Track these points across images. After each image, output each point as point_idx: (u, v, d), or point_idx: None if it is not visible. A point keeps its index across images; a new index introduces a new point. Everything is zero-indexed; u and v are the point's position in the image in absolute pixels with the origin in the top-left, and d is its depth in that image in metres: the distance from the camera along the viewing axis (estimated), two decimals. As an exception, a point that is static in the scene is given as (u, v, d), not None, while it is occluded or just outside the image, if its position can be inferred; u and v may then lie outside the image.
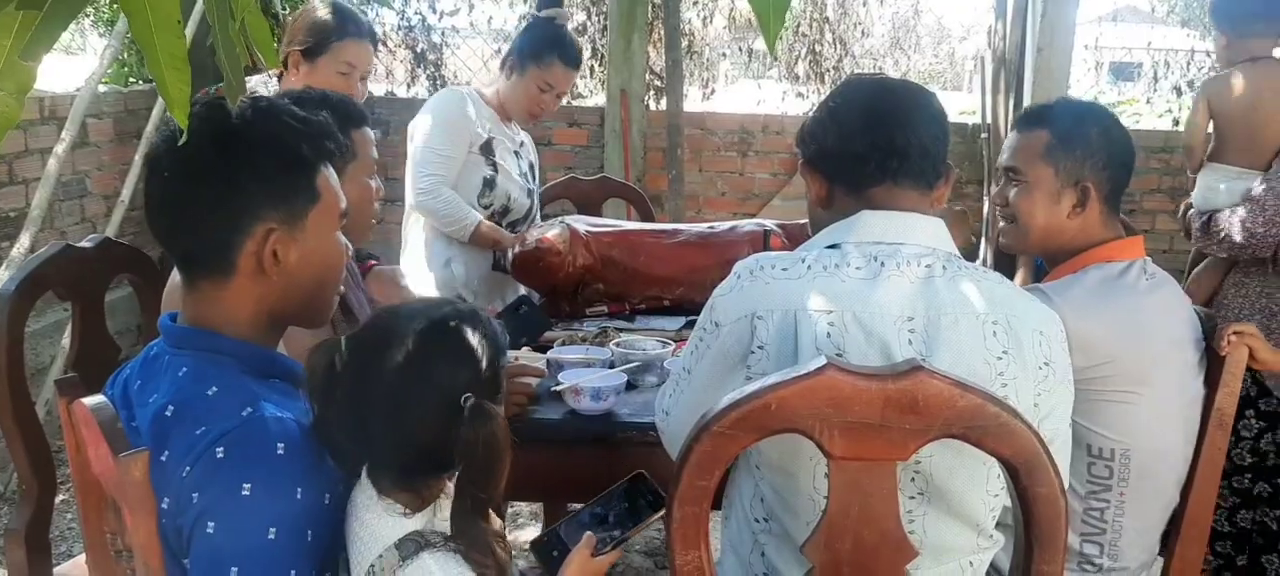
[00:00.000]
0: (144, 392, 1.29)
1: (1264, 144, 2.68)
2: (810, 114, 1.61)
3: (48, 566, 1.99)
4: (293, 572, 1.17)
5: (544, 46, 2.84)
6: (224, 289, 1.30)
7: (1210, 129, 2.85)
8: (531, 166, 3.09)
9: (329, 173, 1.37)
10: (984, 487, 1.42)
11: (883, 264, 1.41)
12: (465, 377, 1.23)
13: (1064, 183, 1.89)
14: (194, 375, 1.25)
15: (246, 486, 1.14)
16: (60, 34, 0.86)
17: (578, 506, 1.54)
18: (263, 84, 2.65)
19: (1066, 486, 1.33)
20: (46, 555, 1.98)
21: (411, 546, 1.20)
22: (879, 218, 1.46)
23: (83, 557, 2.20)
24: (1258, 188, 2.61)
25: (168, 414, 1.21)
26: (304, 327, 1.42)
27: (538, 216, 3.12)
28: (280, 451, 1.18)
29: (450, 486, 1.28)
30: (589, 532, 1.39)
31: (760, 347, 1.39)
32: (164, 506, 1.18)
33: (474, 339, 1.26)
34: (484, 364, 1.25)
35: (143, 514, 1.15)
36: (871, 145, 1.48)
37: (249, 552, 1.14)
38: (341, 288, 1.45)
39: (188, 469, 1.16)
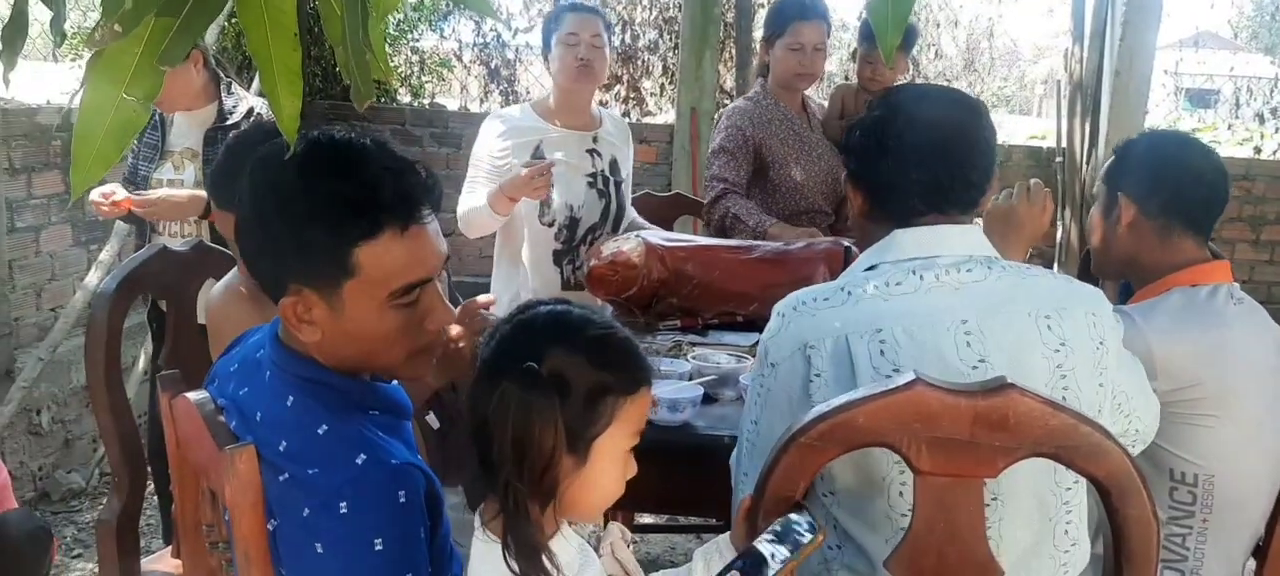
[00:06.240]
0: (248, 403, 1.30)
1: None
2: (860, 122, 1.58)
3: (137, 557, 2.05)
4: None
5: (552, 17, 2.88)
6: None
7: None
8: (614, 162, 2.97)
9: (382, 243, 1.22)
10: (1052, 478, 1.42)
11: (922, 277, 1.43)
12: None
13: (1111, 199, 1.96)
14: (302, 408, 1.25)
15: (378, 541, 1.16)
16: (197, 40, 0.90)
17: (650, 518, 1.49)
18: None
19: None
20: (136, 546, 2.05)
21: None
22: (911, 235, 1.48)
23: (166, 551, 2.28)
24: None
25: (281, 448, 1.22)
26: (384, 380, 1.37)
27: (627, 213, 3.03)
28: (402, 499, 1.19)
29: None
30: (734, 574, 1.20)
31: (818, 375, 1.40)
32: (270, 525, 1.21)
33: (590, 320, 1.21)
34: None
35: (248, 506, 1.18)
36: (920, 183, 1.49)
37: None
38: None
39: (307, 510, 1.17)
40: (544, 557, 1.13)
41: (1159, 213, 1.90)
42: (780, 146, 3.19)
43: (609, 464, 1.18)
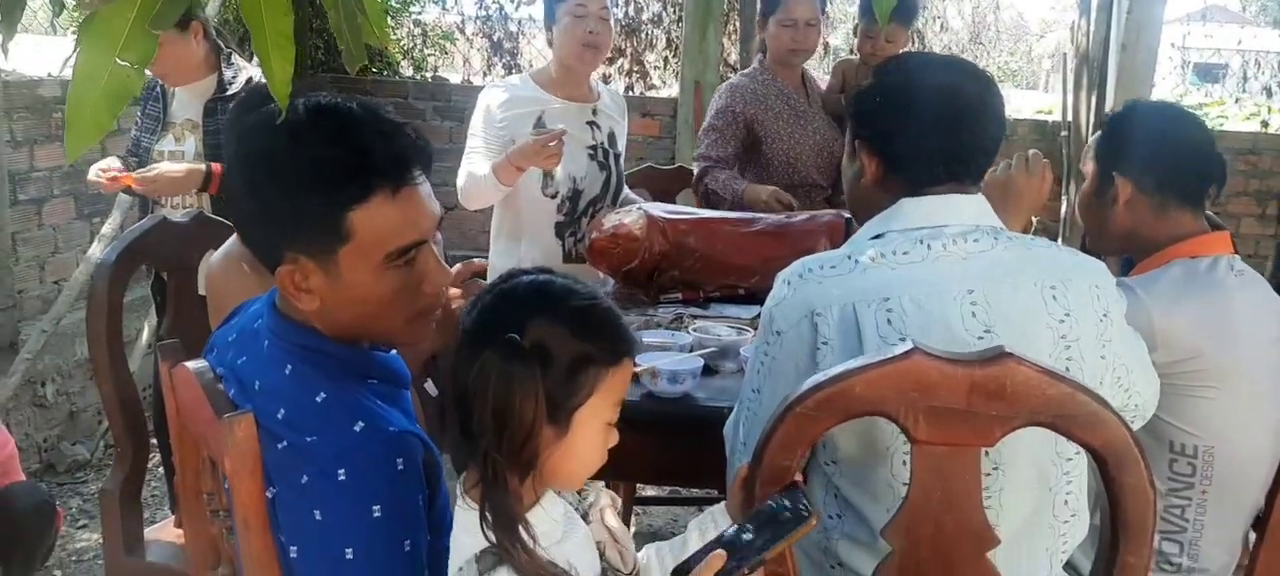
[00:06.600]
0: (246, 371, 1.30)
1: None
2: (873, 88, 1.56)
3: (140, 526, 2.07)
4: (408, 543, 1.19)
5: None
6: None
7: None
8: (612, 135, 2.95)
9: (374, 206, 1.21)
10: (1052, 448, 1.42)
11: (929, 246, 1.42)
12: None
13: (1105, 178, 1.94)
14: (300, 377, 1.25)
15: (376, 508, 1.16)
16: (191, 6, 0.89)
17: (654, 490, 1.49)
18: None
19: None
20: (139, 515, 2.07)
21: (491, 559, 1.14)
22: (918, 204, 1.47)
23: (170, 520, 2.29)
24: None
25: (279, 416, 1.22)
26: (382, 348, 1.36)
27: (624, 189, 3.02)
28: (400, 467, 1.19)
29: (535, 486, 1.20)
30: (719, 551, 1.16)
31: (825, 343, 1.40)
32: (269, 493, 1.21)
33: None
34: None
35: (246, 473, 1.18)
36: (939, 151, 1.48)
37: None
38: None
39: (306, 478, 1.18)
40: (521, 528, 1.13)
41: (1155, 189, 1.89)
42: (774, 122, 3.20)
43: (590, 434, 1.18)
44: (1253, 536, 1.91)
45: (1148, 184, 1.89)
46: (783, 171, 3.19)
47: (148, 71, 2.88)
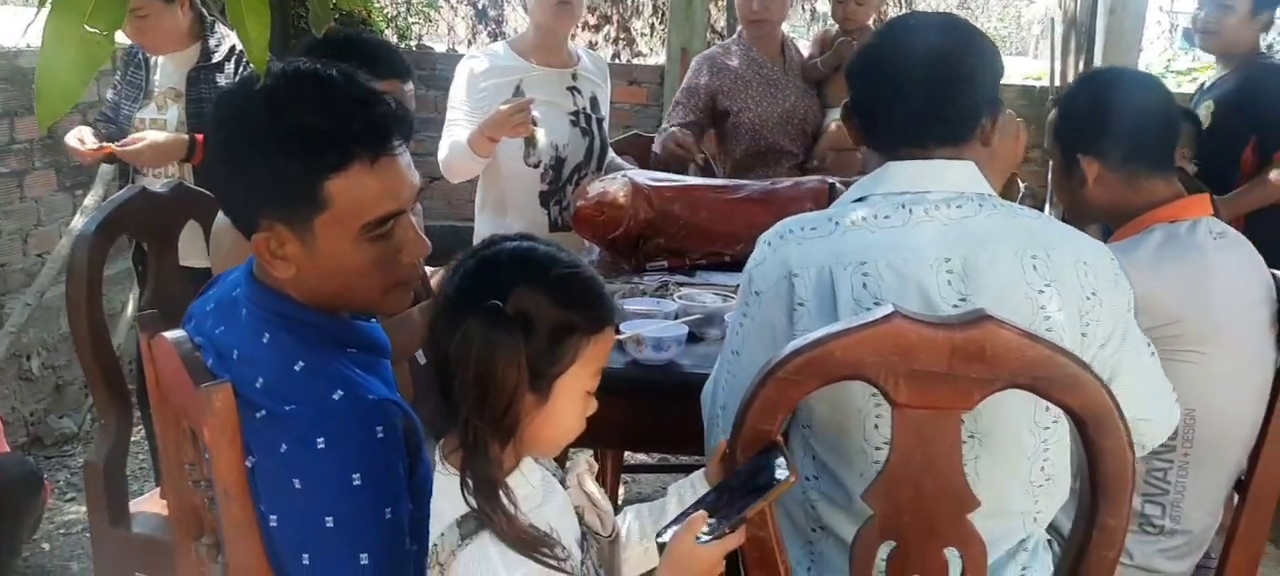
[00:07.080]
0: (225, 341, 1.29)
1: None
2: (864, 47, 1.56)
3: (125, 497, 2.06)
4: (388, 511, 1.19)
5: None
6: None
7: None
8: (594, 99, 2.94)
9: (352, 175, 1.19)
10: (1031, 418, 1.42)
11: (911, 211, 1.41)
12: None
13: (1069, 160, 1.93)
14: (278, 345, 1.24)
15: (356, 476, 1.15)
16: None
17: (643, 457, 1.48)
18: None
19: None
20: (124, 487, 2.06)
21: (472, 524, 1.14)
22: (904, 168, 1.46)
23: (155, 492, 2.29)
24: None
25: (258, 384, 1.21)
26: (361, 317, 1.35)
27: (609, 154, 3.01)
28: (380, 435, 1.18)
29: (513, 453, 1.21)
30: (699, 512, 1.17)
31: (801, 304, 1.39)
32: (249, 462, 1.20)
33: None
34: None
35: (225, 443, 1.18)
36: (893, 116, 1.47)
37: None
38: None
39: (285, 447, 1.17)
40: (501, 493, 1.13)
41: (1122, 163, 1.89)
42: (743, 92, 3.24)
43: (571, 402, 1.18)
44: (1235, 498, 1.92)
45: (1113, 160, 1.89)
46: (749, 138, 3.25)
47: (131, 40, 2.88)
